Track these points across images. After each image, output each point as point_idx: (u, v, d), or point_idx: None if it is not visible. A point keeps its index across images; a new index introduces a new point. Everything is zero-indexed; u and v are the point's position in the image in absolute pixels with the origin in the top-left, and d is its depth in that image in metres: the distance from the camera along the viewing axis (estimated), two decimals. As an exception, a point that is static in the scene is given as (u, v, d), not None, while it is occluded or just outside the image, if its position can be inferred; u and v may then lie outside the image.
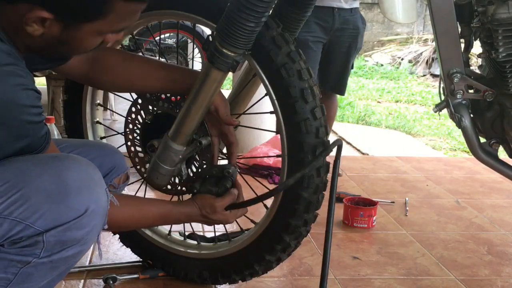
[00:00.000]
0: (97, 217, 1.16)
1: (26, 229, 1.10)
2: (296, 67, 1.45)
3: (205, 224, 1.57)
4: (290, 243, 1.59)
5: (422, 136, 5.05)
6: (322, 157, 1.48)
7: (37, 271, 1.15)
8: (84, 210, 1.13)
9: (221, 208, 1.51)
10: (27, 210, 1.09)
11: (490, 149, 1.50)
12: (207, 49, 1.44)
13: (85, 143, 1.66)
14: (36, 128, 1.14)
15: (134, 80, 1.54)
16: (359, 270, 1.96)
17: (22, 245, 1.12)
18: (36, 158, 1.14)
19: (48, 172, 1.12)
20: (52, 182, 1.11)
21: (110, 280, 1.75)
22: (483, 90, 1.45)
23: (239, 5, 1.34)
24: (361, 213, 2.34)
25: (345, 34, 2.99)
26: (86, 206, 1.13)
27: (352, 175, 3.14)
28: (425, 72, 8.14)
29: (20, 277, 1.14)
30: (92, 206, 1.14)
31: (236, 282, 1.73)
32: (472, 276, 1.96)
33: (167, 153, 1.54)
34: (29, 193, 1.09)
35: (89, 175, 1.16)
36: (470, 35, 1.45)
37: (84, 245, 1.18)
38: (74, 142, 1.61)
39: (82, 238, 1.15)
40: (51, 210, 1.10)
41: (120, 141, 1.70)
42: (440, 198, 2.84)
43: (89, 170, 1.17)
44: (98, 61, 1.50)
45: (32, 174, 1.11)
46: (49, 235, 1.11)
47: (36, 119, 1.12)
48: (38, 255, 1.13)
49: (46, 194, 1.10)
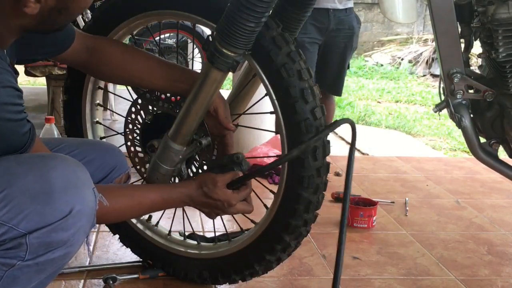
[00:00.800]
0: (83, 218, 1.13)
1: (9, 231, 1.07)
2: (296, 67, 1.45)
3: (207, 212, 1.47)
4: (290, 243, 1.59)
5: (422, 136, 5.04)
6: (328, 130, 1.45)
7: (23, 274, 1.12)
8: (69, 211, 1.10)
9: (222, 183, 1.43)
10: (11, 212, 1.06)
11: (490, 149, 1.50)
12: (207, 49, 1.44)
13: (84, 142, 1.65)
14: (16, 126, 1.11)
15: (133, 73, 1.52)
16: (359, 270, 1.96)
17: (6, 248, 1.09)
18: (21, 157, 1.12)
19: (33, 172, 1.09)
20: (36, 182, 1.08)
21: (110, 280, 1.75)
22: (483, 90, 1.45)
23: (239, 5, 1.34)
24: (361, 213, 2.34)
25: (341, 35, 3.01)
26: (71, 207, 1.10)
27: (352, 175, 3.13)
28: (425, 72, 8.13)
29: (6, 280, 1.11)
30: (78, 207, 1.11)
31: (236, 282, 1.73)
32: (472, 276, 1.96)
33: (167, 153, 1.54)
34: (13, 193, 1.07)
35: (75, 175, 1.13)
36: (470, 35, 1.45)
37: (71, 246, 1.15)
38: (73, 142, 1.60)
39: (68, 239, 1.12)
40: (35, 211, 1.07)
41: (120, 141, 1.70)
42: (440, 198, 2.84)
43: (75, 169, 1.14)
44: (97, 51, 1.50)
45: (16, 174, 1.08)
46: (32, 237, 1.08)
47: (16, 116, 1.10)
48: (22, 258, 1.10)
49: (30, 195, 1.07)
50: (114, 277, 1.76)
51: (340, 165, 3.29)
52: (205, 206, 1.46)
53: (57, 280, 1.74)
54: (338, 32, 3.00)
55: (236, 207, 1.47)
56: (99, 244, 2.04)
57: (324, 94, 3.08)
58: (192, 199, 1.44)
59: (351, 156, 1.42)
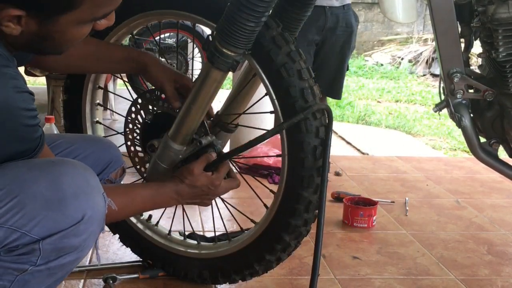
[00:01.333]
0: (94, 223, 1.13)
1: (22, 237, 1.07)
2: (296, 67, 1.45)
3: (199, 202, 1.48)
4: (290, 243, 1.59)
5: (422, 136, 5.04)
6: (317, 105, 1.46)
7: (34, 278, 1.13)
8: (81, 217, 1.10)
9: (198, 169, 1.43)
10: (23, 218, 1.07)
11: (490, 149, 1.50)
12: (207, 49, 1.44)
13: (80, 138, 1.63)
14: (32, 131, 1.12)
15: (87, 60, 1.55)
16: (359, 270, 1.96)
17: (19, 253, 1.09)
18: (31, 163, 1.12)
19: (44, 178, 1.09)
20: (48, 189, 1.08)
21: (110, 280, 1.75)
22: (483, 90, 1.45)
23: (239, 5, 1.34)
24: (361, 213, 2.34)
25: (338, 33, 2.90)
26: (83, 213, 1.11)
27: (352, 175, 3.14)
28: (425, 72, 8.13)
29: (17, 284, 1.12)
30: (89, 213, 1.11)
31: (236, 282, 1.73)
32: (472, 276, 1.96)
33: (167, 153, 1.54)
34: (25, 199, 1.07)
35: (85, 180, 1.13)
36: (470, 35, 1.45)
37: (82, 251, 1.15)
38: (69, 138, 1.58)
39: (80, 245, 1.13)
40: (48, 218, 1.08)
41: (120, 141, 1.70)
42: (440, 198, 2.84)
43: (85, 175, 1.15)
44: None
45: (27, 180, 1.08)
46: (45, 243, 1.09)
47: (32, 122, 1.11)
48: (34, 263, 1.10)
49: (42, 201, 1.07)
50: (114, 277, 1.76)
51: (340, 165, 3.29)
52: (194, 197, 1.47)
53: (57, 280, 1.74)
54: (336, 31, 2.89)
55: (222, 186, 1.49)
56: (99, 244, 2.04)
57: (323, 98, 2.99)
58: (179, 194, 1.44)
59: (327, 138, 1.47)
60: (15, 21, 1.06)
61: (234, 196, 2.58)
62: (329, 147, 1.47)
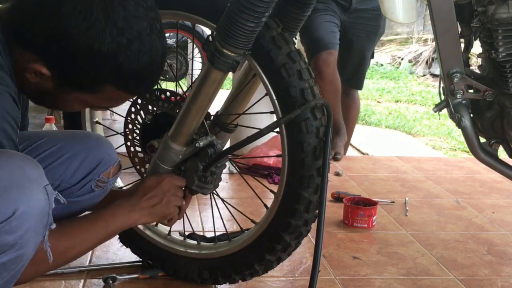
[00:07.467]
0: (30, 219, 1.03)
1: None
2: (296, 67, 1.45)
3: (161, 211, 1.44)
4: (291, 243, 1.59)
5: (422, 136, 5.05)
6: (315, 100, 1.45)
7: None
8: (12, 213, 1.00)
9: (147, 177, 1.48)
10: None
11: (490, 149, 1.50)
12: (207, 49, 1.44)
13: (69, 135, 1.53)
14: (4, 139, 1.06)
15: None
16: (359, 270, 1.96)
17: None
18: None
19: None
20: None
21: (110, 280, 1.75)
22: (483, 90, 1.45)
23: (239, 5, 1.34)
24: (361, 213, 2.34)
25: (364, 16, 2.63)
26: (14, 208, 1.00)
27: (352, 175, 3.14)
28: (425, 72, 8.14)
29: None
30: (22, 207, 1.01)
31: (236, 282, 1.73)
32: (472, 276, 1.96)
33: (167, 153, 1.54)
34: None
35: (21, 172, 1.03)
36: (470, 35, 1.45)
37: (21, 249, 1.04)
38: (56, 135, 1.50)
39: (16, 242, 1.02)
40: None
41: (120, 141, 1.70)
42: (440, 198, 2.84)
43: (23, 166, 1.04)
44: None
45: None
46: None
47: (8, 131, 1.06)
48: None
49: None
50: (114, 277, 1.76)
51: (340, 165, 3.29)
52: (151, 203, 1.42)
53: (57, 280, 1.74)
54: (362, 13, 2.61)
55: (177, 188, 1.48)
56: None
57: (345, 90, 2.70)
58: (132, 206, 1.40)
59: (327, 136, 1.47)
60: (39, 74, 1.13)
61: (234, 196, 2.58)
62: (329, 143, 1.47)
